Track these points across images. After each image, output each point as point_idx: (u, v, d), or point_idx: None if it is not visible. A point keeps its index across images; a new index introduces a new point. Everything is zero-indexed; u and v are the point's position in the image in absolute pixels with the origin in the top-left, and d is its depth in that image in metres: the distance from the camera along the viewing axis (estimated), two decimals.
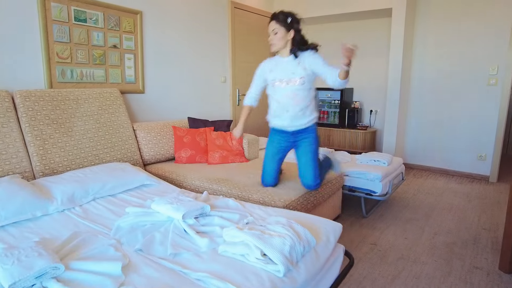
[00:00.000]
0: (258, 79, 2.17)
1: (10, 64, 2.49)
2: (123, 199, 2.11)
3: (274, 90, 2.11)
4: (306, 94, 2.11)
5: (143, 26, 3.31)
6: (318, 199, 2.46)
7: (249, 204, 1.91)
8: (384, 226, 2.88)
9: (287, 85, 2.06)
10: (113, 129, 2.83)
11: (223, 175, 2.68)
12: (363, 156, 3.26)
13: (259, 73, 2.15)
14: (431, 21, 4.41)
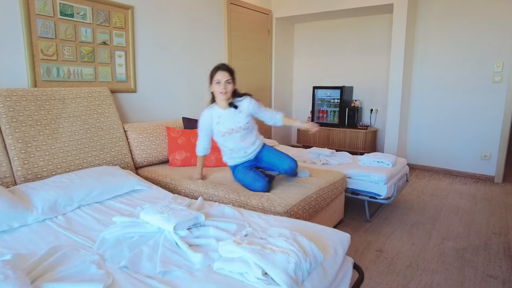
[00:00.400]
0: (205, 131, 2.31)
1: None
2: (111, 207, 1.96)
3: (225, 139, 2.29)
4: (252, 133, 2.38)
5: (134, 22, 3.15)
6: (320, 203, 2.31)
7: (248, 211, 1.76)
8: (390, 231, 2.74)
9: (236, 133, 2.27)
10: (102, 131, 2.67)
11: (220, 178, 2.52)
12: (366, 157, 3.12)
13: (205, 126, 2.29)
14: (433, 16, 4.28)
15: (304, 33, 5.52)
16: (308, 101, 5.60)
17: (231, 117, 2.27)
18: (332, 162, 3.15)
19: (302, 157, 3.32)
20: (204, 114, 2.29)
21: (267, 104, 5.22)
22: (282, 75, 5.42)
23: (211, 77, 2.22)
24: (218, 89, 2.18)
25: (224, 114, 2.28)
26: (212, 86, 2.24)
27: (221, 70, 2.17)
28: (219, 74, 2.16)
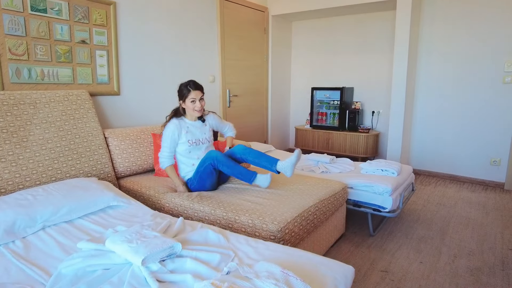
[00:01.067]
0: (171, 143, 2.33)
1: None
2: (81, 227, 1.71)
3: (190, 150, 2.37)
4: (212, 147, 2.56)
5: (117, 18, 2.91)
6: (319, 217, 2.07)
7: (235, 235, 1.52)
8: (395, 247, 2.50)
9: (202, 144, 2.41)
10: (79, 138, 2.42)
11: (208, 192, 2.28)
12: (369, 165, 2.88)
13: (172, 137, 2.32)
14: (439, 13, 4.04)
15: (302, 31, 5.28)
16: (306, 102, 5.36)
17: (198, 128, 2.42)
18: (332, 170, 2.91)
19: (299, 164, 3.08)
20: (172, 123, 2.34)
21: (264, 107, 4.97)
22: (279, 76, 5.18)
23: (184, 95, 2.31)
24: (193, 107, 2.31)
25: (193, 125, 2.41)
26: (185, 104, 2.33)
27: (193, 90, 2.29)
28: (193, 94, 2.29)
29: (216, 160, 2.18)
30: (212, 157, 2.19)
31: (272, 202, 2.01)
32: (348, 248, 2.48)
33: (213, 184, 2.33)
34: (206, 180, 2.27)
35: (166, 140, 2.33)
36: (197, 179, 2.31)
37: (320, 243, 2.20)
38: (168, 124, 2.35)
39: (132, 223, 1.75)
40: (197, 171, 2.30)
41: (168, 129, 2.33)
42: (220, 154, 2.20)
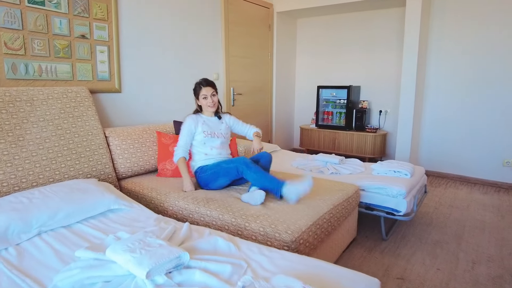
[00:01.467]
0: (187, 134, 2.36)
1: None
2: (79, 232, 1.60)
3: (205, 141, 2.38)
4: (227, 145, 2.54)
5: (118, 13, 2.79)
6: (333, 224, 1.96)
7: (246, 243, 1.40)
8: (410, 252, 2.39)
9: (217, 138, 2.41)
10: (79, 137, 2.31)
11: (214, 193, 2.16)
12: (380, 166, 2.76)
13: (188, 129, 2.36)
14: (449, 8, 3.92)
15: (307, 28, 5.15)
16: (311, 101, 5.23)
17: (215, 123, 2.46)
18: (342, 171, 2.80)
19: (307, 165, 2.96)
20: (189, 117, 2.41)
21: (268, 105, 4.85)
22: (283, 74, 5.06)
23: (197, 93, 2.41)
24: (206, 103, 2.39)
25: (209, 119, 2.46)
26: (199, 101, 2.42)
27: (205, 86, 2.38)
28: (204, 90, 2.37)
29: (245, 164, 2.07)
30: (241, 161, 2.10)
31: (284, 207, 1.89)
32: (360, 253, 2.37)
33: (223, 184, 2.24)
34: (221, 178, 2.19)
35: (182, 133, 2.37)
36: (213, 171, 2.21)
37: (333, 249, 2.09)
38: (185, 119, 2.41)
39: (134, 228, 1.63)
40: (218, 164, 2.22)
41: (185, 123, 2.39)
42: (251, 162, 2.11)
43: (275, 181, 2.01)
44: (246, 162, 2.10)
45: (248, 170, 2.07)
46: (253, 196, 1.94)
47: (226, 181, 2.23)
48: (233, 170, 2.13)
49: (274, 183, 2.00)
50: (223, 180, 2.22)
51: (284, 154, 3.51)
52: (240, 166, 2.09)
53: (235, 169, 2.12)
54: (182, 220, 2.04)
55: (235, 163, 2.13)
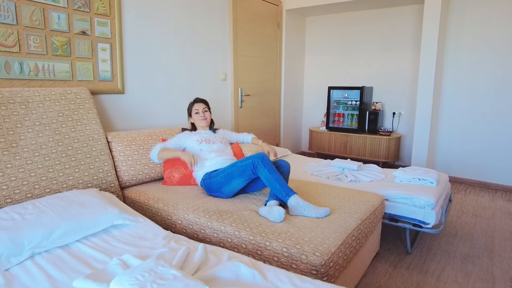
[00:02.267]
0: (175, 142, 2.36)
1: None
2: (79, 254, 1.40)
3: (201, 147, 2.34)
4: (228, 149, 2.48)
5: (122, 8, 2.59)
6: (361, 241, 1.76)
7: (273, 270, 1.20)
8: (439, 268, 2.19)
9: (213, 144, 2.39)
10: (79, 142, 2.11)
11: (227, 205, 1.97)
12: (403, 173, 2.56)
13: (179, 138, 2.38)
14: (469, 4, 3.72)
15: (317, 27, 4.96)
16: (321, 103, 5.04)
17: (209, 133, 2.49)
18: (361, 178, 2.60)
19: (323, 171, 2.76)
20: (183, 133, 2.44)
21: (276, 107, 4.66)
22: (292, 74, 4.86)
23: (189, 110, 2.49)
24: (197, 117, 2.46)
25: (203, 131, 2.50)
26: (192, 118, 2.49)
27: (197, 103, 2.48)
28: (196, 105, 2.47)
29: (262, 160, 1.95)
30: (259, 156, 1.99)
31: (307, 223, 1.69)
32: (385, 270, 2.17)
33: (238, 187, 2.08)
34: (236, 179, 2.03)
35: (172, 139, 2.38)
36: (226, 173, 2.06)
37: (359, 267, 1.89)
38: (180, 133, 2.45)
39: (141, 249, 1.44)
40: (233, 165, 2.07)
41: (178, 134, 2.43)
42: (269, 160, 2.00)
43: (286, 188, 1.90)
44: (264, 158, 1.98)
45: (263, 166, 1.94)
46: (272, 212, 1.75)
47: (241, 183, 2.05)
48: (249, 166, 1.99)
49: (285, 189, 1.89)
50: (238, 181, 2.04)
51: (296, 158, 3.31)
52: (256, 161, 1.96)
53: (251, 165, 1.98)
54: (193, 236, 1.84)
55: (251, 158, 2.00)
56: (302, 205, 1.81)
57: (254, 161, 1.97)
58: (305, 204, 1.82)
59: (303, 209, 1.80)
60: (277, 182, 1.91)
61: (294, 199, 1.84)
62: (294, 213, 1.83)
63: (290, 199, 1.85)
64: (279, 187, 1.90)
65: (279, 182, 1.92)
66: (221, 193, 2.10)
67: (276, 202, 1.91)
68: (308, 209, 1.80)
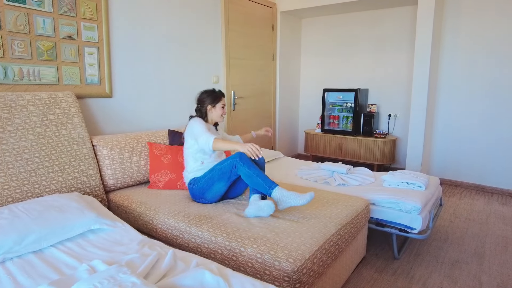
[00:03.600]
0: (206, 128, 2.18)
1: None
2: (51, 259, 1.40)
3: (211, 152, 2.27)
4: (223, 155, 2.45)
5: (109, 12, 2.60)
6: (340, 246, 1.74)
7: (239, 278, 1.19)
8: (425, 274, 2.15)
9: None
10: (62, 146, 2.12)
11: (209, 209, 1.96)
12: (392, 177, 2.53)
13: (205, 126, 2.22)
14: (464, 5, 3.68)
15: (313, 29, 4.94)
16: (317, 105, 5.01)
17: (214, 132, 2.34)
18: (350, 182, 2.57)
19: (312, 175, 2.74)
20: (199, 119, 2.26)
21: (271, 109, 4.64)
22: (287, 76, 4.85)
23: (215, 101, 2.31)
24: (221, 112, 2.34)
25: (212, 129, 2.35)
26: (215, 108, 2.32)
27: (223, 97, 2.36)
28: (223, 100, 2.35)
29: (240, 158, 1.95)
30: (237, 155, 1.97)
31: (285, 227, 1.68)
32: (370, 275, 2.14)
33: (221, 191, 2.06)
34: (217, 182, 2.02)
35: (201, 127, 2.16)
36: (207, 178, 2.06)
37: (340, 272, 1.86)
38: (196, 119, 2.24)
39: (114, 254, 1.43)
40: (213, 168, 2.07)
41: (199, 123, 2.20)
42: (247, 157, 1.99)
43: (268, 181, 1.90)
44: (242, 156, 1.97)
45: (242, 164, 1.94)
46: (261, 208, 1.77)
47: (222, 186, 2.05)
48: (227, 168, 1.99)
49: (267, 182, 1.89)
50: (220, 185, 2.04)
51: (288, 162, 3.30)
52: (235, 160, 1.96)
53: (230, 166, 1.98)
54: (172, 240, 1.83)
55: (229, 159, 2.00)
56: (287, 195, 1.83)
57: (232, 160, 1.97)
58: (289, 193, 1.83)
59: (289, 199, 1.82)
60: (258, 177, 1.91)
61: (278, 191, 1.85)
62: (282, 206, 1.84)
63: (274, 191, 1.86)
64: (261, 181, 1.90)
65: (260, 176, 1.92)
66: (205, 199, 2.09)
67: (259, 196, 1.93)
68: (293, 197, 1.81)
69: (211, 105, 2.30)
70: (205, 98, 2.31)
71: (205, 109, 2.30)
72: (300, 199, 1.80)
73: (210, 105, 2.30)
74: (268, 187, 1.88)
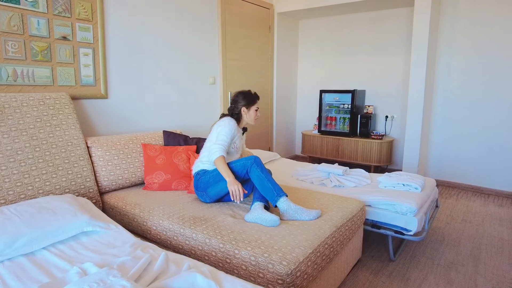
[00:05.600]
0: (231, 137, 2.17)
1: None
2: (43, 262, 1.39)
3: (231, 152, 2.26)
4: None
5: (105, 13, 2.59)
6: (335, 249, 1.73)
7: (231, 281, 1.18)
8: (421, 276, 2.15)
9: (237, 153, 2.31)
10: (56, 148, 2.11)
11: (204, 211, 1.95)
12: (388, 179, 2.53)
13: (232, 133, 2.18)
14: (462, 6, 3.68)
15: (310, 30, 4.94)
16: (314, 106, 5.01)
17: (240, 138, 2.34)
18: (346, 183, 2.57)
19: (308, 176, 2.74)
20: (232, 121, 2.21)
21: (268, 111, 4.64)
22: (285, 78, 4.85)
23: (251, 103, 2.27)
24: (255, 116, 2.30)
25: (240, 132, 2.33)
26: (249, 111, 2.28)
27: (258, 100, 2.31)
28: (257, 103, 2.31)
29: (255, 160, 1.96)
30: (252, 157, 1.99)
31: (279, 230, 1.67)
32: (366, 277, 2.13)
33: (222, 190, 2.05)
34: (223, 180, 2.01)
35: (226, 134, 2.14)
36: (216, 172, 2.05)
37: (335, 275, 1.86)
38: (229, 120, 2.19)
39: (106, 256, 1.42)
40: None
41: (229, 125, 2.17)
42: (261, 161, 2.00)
43: (278, 188, 1.92)
44: (257, 159, 1.98)
45: (256, 166, 1.95)
46: (264, 219, 1.76)
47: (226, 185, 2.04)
48: (239, 168, 1.99)
49: (277, 189, 1.91)
50: (225, 183, 2.01)
51: (284, 163, 3.29)
52: (248, 162, 1.97)
53: (242, 167, 1.99)
54: (166, 243, 1.82)
55: (243, 160, 2.00)
56: (294, 209, 1.84)
57: (246, 162, 1.98)
58: (296, 208, 1.85)
59: (296, 213, 1.83)
60: (269, 182, 1.93)
61: (286, 202, 1.86)
62: (286, 218, 1.84)
63: (281, 200, 1.87)
64: (271, 186, 1.91)
65: (271, 182, 1.93)
66: (206, 195, 2.08)
67: (262, 204, 1.92)
68: (300, 212, 1.83)
69: (246, 107, 2.26)
70: (240, 100, 2.27)
71: (239, 110, 2.27)
72: (307, 215, 1.82)
73: (245, 107, 2.26)
74: (277, 194, 1.89)
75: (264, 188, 1.92)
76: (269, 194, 1.90)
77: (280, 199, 1.87)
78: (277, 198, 1.88)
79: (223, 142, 2.09)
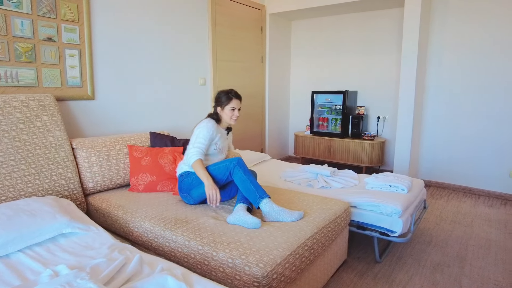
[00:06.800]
0: (209, 139, 2.13)
1: None
2: (17, 265, 1.38)
3: (213, 154, 2.22)
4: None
5: (91, 13, 2.59)
6: (316, 250, 1.72)
7: (203, 283, 1.17)
8: (406, 277, 2.14)
9: (221, 154, 2.27)
10: (40, 149, 2.10)
11: (187, 213, 1.94)
12: (375, 180, 2.52)
13: (211, 135, 2.14)
14: (451, 7, 3.69)
15: (302, 31, 4.94)
16: (306, 107, 5.01)
17: (224, 138, 2.30)
18: (333, 184, 2.56)
19: (296, 177, 2.73)
20: (210, 122, 2.18)
21: (260, 112, 4.64)
22: (277, 79, 4.84)
23: (225, 102, 2.20)
24: (231, 115, 2.22)
25: (222, 133, 2.28)
26: (224, 110, 2.21)
27: (236, 99, 2.22)
28: (234, 102, 2.21)
29: (238, 162, 1.95)
30: (235, 159, 1.98)
31: (260, 231, 1.66)
32: (350, 279, 2.13)
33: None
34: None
35: (204, 136, 2.10)
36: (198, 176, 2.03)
37: (318, 277, 1.85)
38: (207, 122, 2.16)
39: (82, 258, 1.41)
40: (207, 168, 2.05)
41: (207, 127, 2.13)
42: (244, 163, 2.00)
43: (260, 190, 1.91)
44: (240, 160, 1.97)
45: (239, 168, 1.94)
46: (246, 221, 1.74)
47: None
48: (222, 170, 1.98)
49: (259, 191, 1.90)
50: None
51: (274, 164, 3.28)
52: (231, 163, 1.95)
53: (225, 168, 1.97)
54: (147, 245, 1.81)
55: (226, 162, 1.98)
56: (277, 210, 1.84)
57: (229, 164, 1.97)
58: (279, 209, 1.84)
59: (279, 215, 1.83)
60: (252, 184, 1.92)
61: (268, 204, 1.86)
62: (268, 219, 1.84)
63: (263, 201, 1.86)
64: (253, 188, 1.91)
65: (254, 184, 1.92)
66: (190, 196, 2.07)
67: (245, 206, 1.91)
68: (282, 214, 1.82)
69: (220, 106, 2.21)
70: (216, 99, 2.23)
71: (217, 112, 2.23)
72: (289, 216, 1.81)
73: (219, 107, 2.21)
74: (259, 196, 1.88)
75: (247, 190, 1.91)
76: (252, 196, 1.89)
77: (262, 200, 1.87)
78: (259, 200, 1.87)
79: (200, 145, 2.07)
